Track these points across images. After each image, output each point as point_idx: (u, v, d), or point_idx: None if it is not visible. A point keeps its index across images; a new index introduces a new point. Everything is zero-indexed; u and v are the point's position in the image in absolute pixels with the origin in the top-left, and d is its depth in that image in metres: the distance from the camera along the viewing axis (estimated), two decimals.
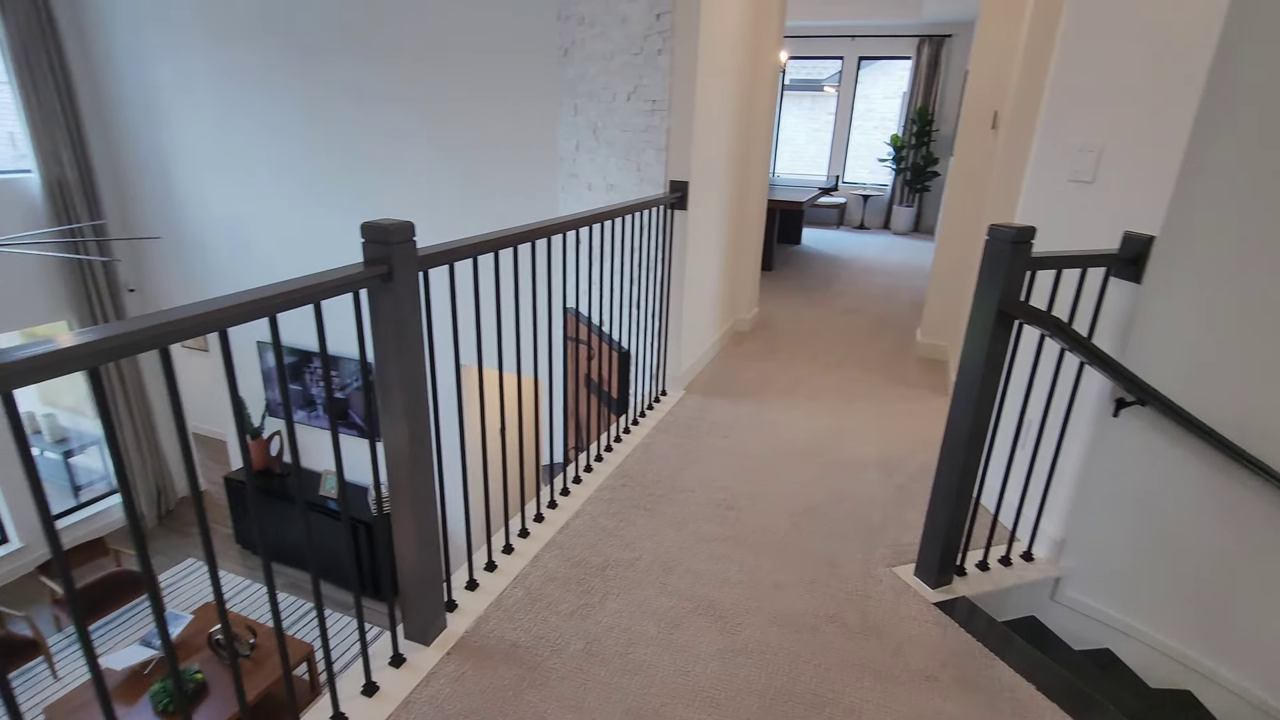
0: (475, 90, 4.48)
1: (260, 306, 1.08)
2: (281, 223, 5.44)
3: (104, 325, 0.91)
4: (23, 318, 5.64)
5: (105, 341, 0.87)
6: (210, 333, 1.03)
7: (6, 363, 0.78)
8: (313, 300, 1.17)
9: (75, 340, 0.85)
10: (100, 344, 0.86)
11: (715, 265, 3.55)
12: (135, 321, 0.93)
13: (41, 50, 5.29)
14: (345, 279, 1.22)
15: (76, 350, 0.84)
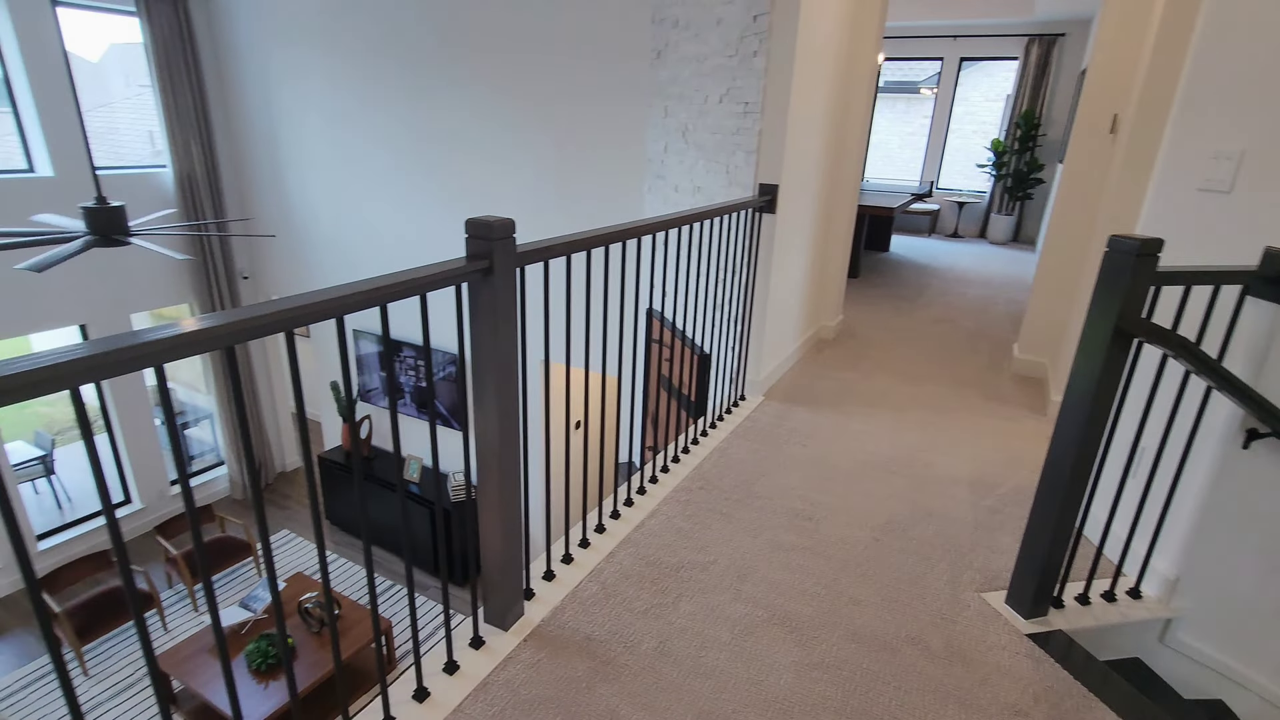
0: (568, 92, 4.58)
1: (373, 296, 1.14)
2: (381, 217, 5.74)
3: (238, 309, 0.99)
4: (153, 300, 6.20)
5: (240, 324, 0.95)
6: (328, 319, 1.09)
7: (158, 339, 0.86)
8: (419, 292, 1.23)
9: (216, 321, 0.93)
10: (236, 325, 0.94)
11: (801, 270, 3.48)
12: (264, 306, 1.01)
13: (180, 58, 5.80)
14: (449, 272, 1.28)
15: (217, 330, 0.92)
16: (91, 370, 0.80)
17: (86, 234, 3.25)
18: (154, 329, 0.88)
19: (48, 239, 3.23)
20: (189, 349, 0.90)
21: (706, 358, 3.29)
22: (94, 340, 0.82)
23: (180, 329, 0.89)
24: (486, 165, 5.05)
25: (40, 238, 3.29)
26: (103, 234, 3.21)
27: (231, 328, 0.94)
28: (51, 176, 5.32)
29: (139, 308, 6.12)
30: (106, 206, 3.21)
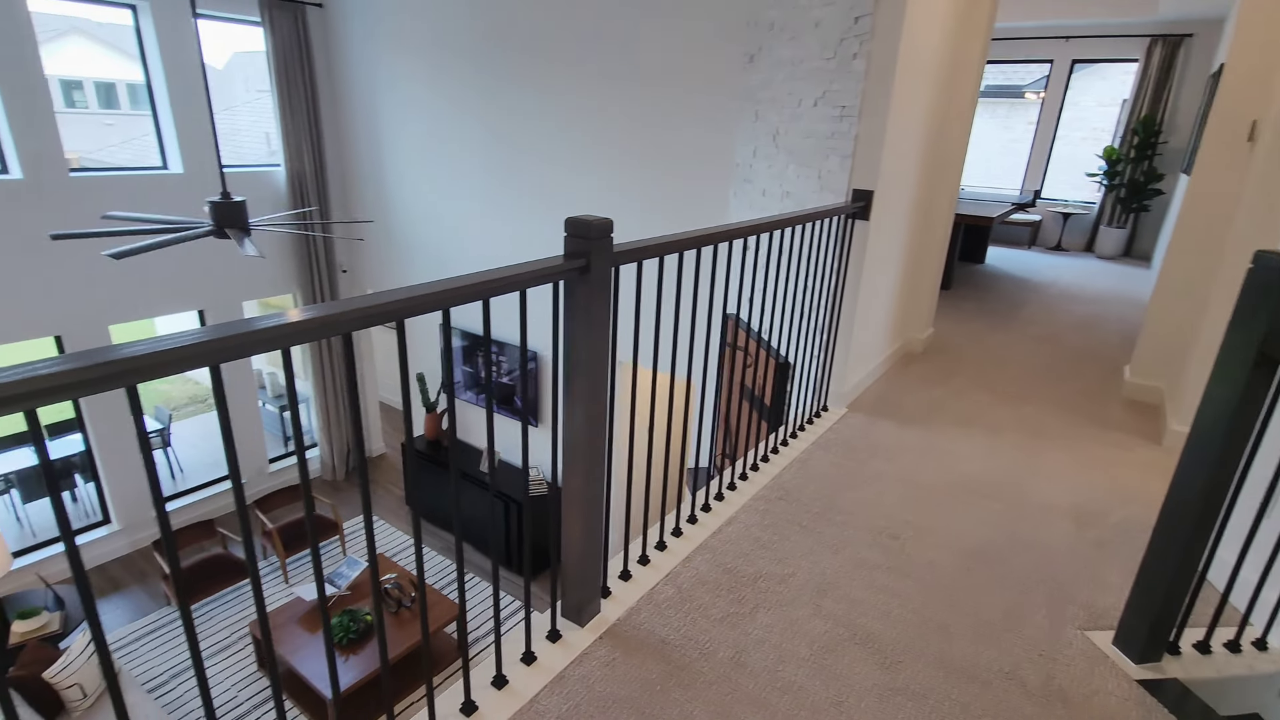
0: (655, 97, 4.60)
1: (477, 290, 1.18)
2: (470, 219, 5.94)
3: (355, 299, 1.03)
4: (262, 289, 6.65)
5: (360, 312, 0.99)
6: (436, 310, 1.13)
7: (287, 323, 0.91)
8: (520, 288, 1.26)
9: (339, 309, 0.98)
10: (356, 313, 0.99)
11: (892, 280, 3.36)
12: (379, 296, 1.05)
13: (297, 65, 6.20)
14: (547, 269, 1.30)
15: (341, 317, 0.97)
16: (232, 349, 0.86)
17: (210, 226, 3.52)
18: (281, 314, 0.93)
19: (175, 229, 3.52)
20: (315, 334, 0.95)
21: (786, 365, 3.23)
22: (231, 322, 0.88)
23: (306, 315, 0.95)
24: (572, 169, 5.15)
25: (168, 228, 3.59)
26: (225, 226, 3.47)
27: (352, 315, 0.98)
28: (181, 173, 5.80)
29: (249, 296, 6.58)
30: (230, 201, 3.46)
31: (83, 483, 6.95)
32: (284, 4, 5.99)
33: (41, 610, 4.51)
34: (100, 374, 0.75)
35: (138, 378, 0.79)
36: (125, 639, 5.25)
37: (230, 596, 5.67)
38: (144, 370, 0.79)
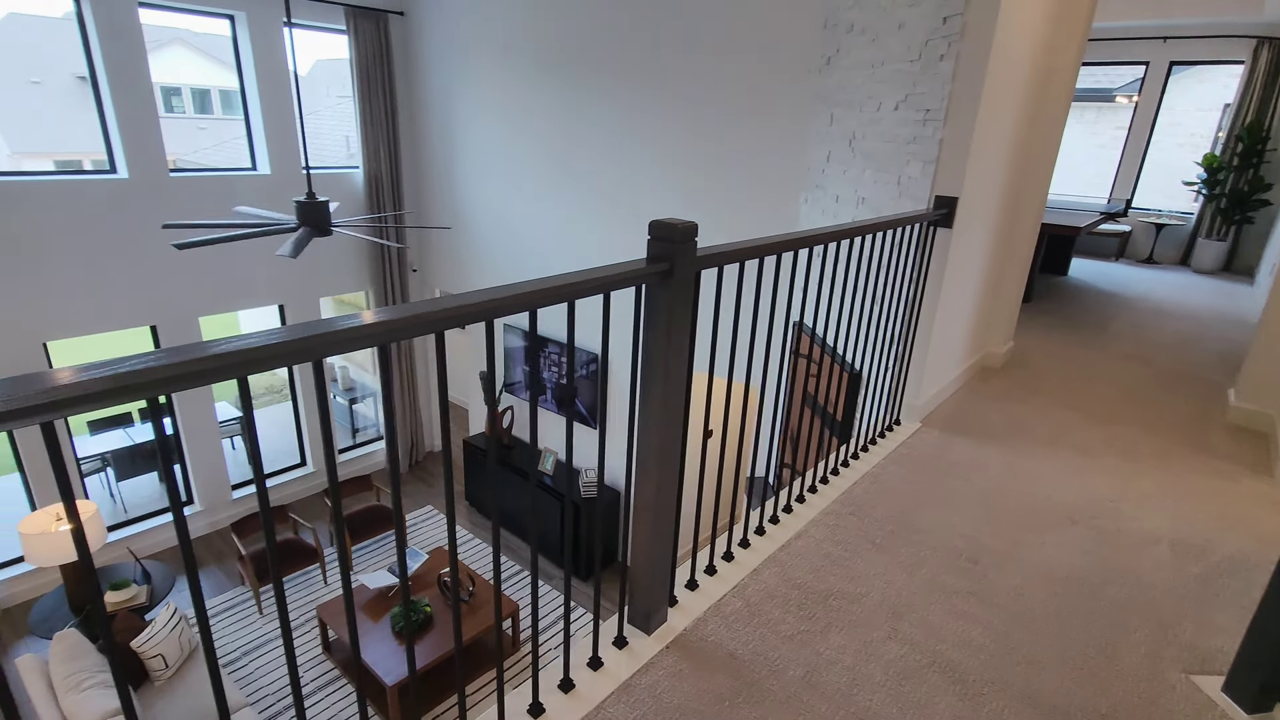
0: (726, 102, 4.56)
1: (562, 292, 1.17)
2: (537, 222, 6.03)
3: (446, 298, 1.04)
4: (337, 286, 6.92)
5: (450, 311, 1.00)
6: (523, 311, 1.13)
7: (383, 321, 0.93)
8: (604, 290, 1.25)
9: (430, 309, 0.99)
10: (448, 312, 0.99)
11: (972, 290, 3.22)
12: (468, 296, 1.06)
13: (378, 71, 6.44)
14: (631, 273, 1.29)
15: (432, 315, 0.98)
16: (332, 345, 0.87)
17: (298, 224, 3.68)
18: (381, 311, 0.95)
19: (265, 228, 3.70)
20: (411, 331, 0.96)
21: (857, 376, 3.13)
22: (328, 319, 0.90)
23: (403, 314, 0.96)
24: (639, 172, 5.15)
25: (258, 226, 3.77)
26: (310, 225, 3.62)
27: (443, 314, 0.99)
28: (268, 174, 6.10)
29: (325, 293, 6.86)
30: (315, 201, 3.61)
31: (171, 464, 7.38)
32: (368, 13, 6.23)
33: (131, 583, 4.80)
34: (216, 364, 0.77)
35: (247, 370, 0.81)
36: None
37: (299, 580, 5.90)
38: (254, 363, 0.81)
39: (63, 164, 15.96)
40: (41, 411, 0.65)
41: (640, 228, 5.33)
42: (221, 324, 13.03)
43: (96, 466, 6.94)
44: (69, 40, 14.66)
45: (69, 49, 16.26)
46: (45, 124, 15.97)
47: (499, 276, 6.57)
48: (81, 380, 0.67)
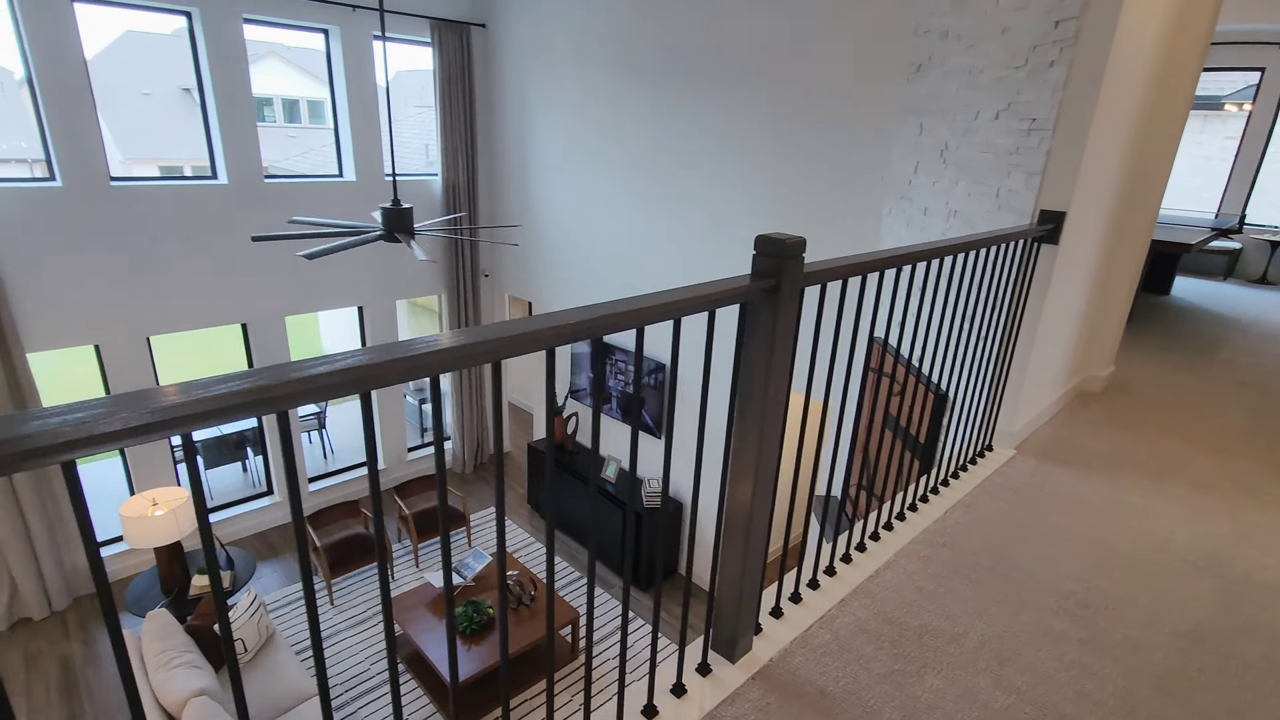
0: (806, 111, 4.46)
1: (668, 309, 1.13)
2: (610, 231, 6.06)
3: (550, 315, 1.02)
4: (413, 290, 7.12)
5: (558, 329, 0.97)
6: (629, 329, 1.10)
7: (495, 339, 0.91)
8: (709, 308, 1.20)
9: (536, 326, 0.96)
10: (556, 330, 0.97)
11: (1074, 310, 3.02)
12: (572, 314, 1.03)
13: (459, 82, 6.62)
14: (737, 289, 1.24)
15: (540, 334, 0.95)
16: (455, 360, 0.86)
17: (379, 230, 3.79)
18: (496, 327, 0.93)
19: (351, 232, 3.83)
20: (520, 348, 0.94)
21: (943, 397, 2.98)
22: (447, 334, 0.89)
23: (512, 331, 0.94)
24: (718, 181, 5.10)
25: (344, 231, 3.90)
26: (394, 231, 3.72)
27: (553, 331, 0.97)
28: (354, 180, 6.35)
29: (401, 295, 7.08)
30: (399, 208, 3.71)
31: (252, 455, 7.76)
32: (452, 25, 6.42)
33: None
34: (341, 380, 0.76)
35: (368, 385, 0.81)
36: (278, 602, 5.76)
37: (370, 573, 6.08)
38: (375, 379, 0.80)
39: (166, 169, 17.13)
40: (231, 413, 0.66)
41: (716, 235, 5.27)
42: (304, 323, 13.65)
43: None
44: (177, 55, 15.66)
45: (176, 63, 17.45)
46: (152, 132, 17.19)
47: (568, 283, 6.63)
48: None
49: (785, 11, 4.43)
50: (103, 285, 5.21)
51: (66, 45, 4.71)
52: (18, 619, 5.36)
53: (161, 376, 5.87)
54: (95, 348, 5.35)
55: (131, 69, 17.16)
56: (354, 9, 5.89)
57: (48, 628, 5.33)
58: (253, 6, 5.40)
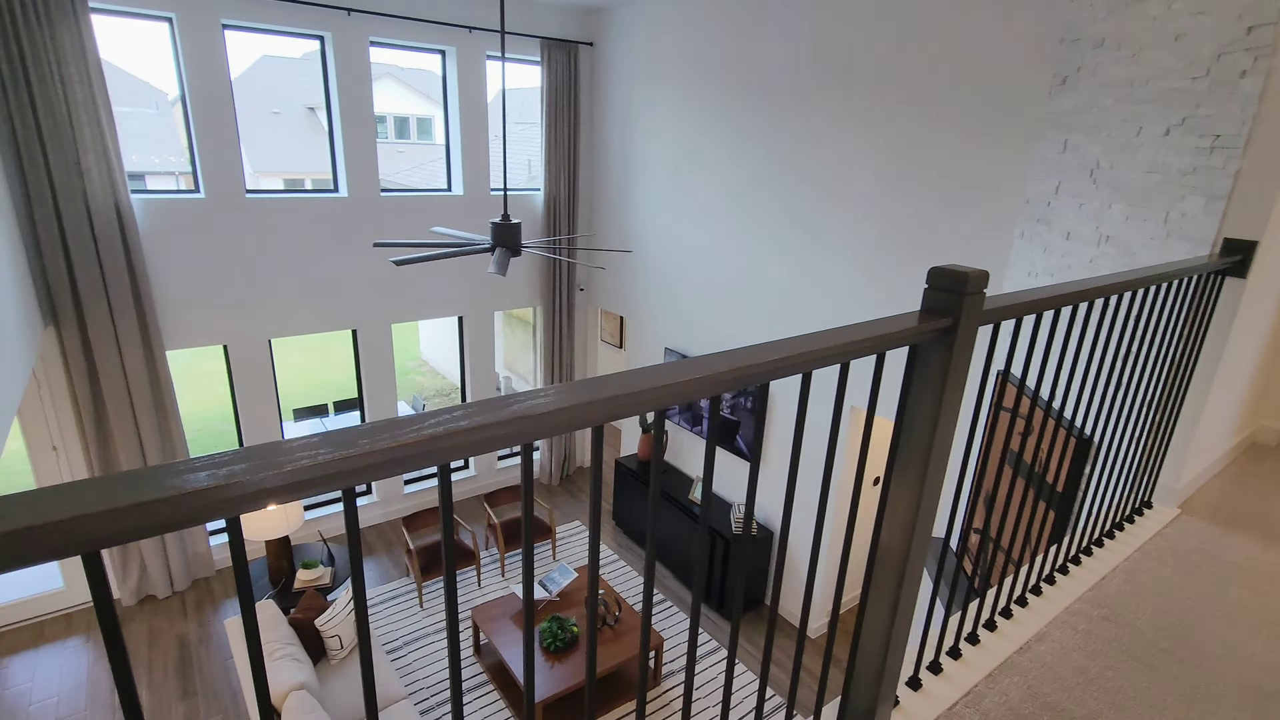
0: (933, 123, 4.21)
1: (833, 353, 1.01)
2: (707, 249, 5.95)
3: (710, 358, 0.92)
4: (510, 302, 7.27)
5: (707, 379, 0.87)
6: (792, 375, 0.98)
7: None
8: (878, 350, 1.07)
9: (696, 373, 0.86)
10: (701, 381, 0.86)
11: (1254, 351, 2.65)
12: (738, 357, 0.92)
13: (565, 99, 6.73)
14: (909, 330, 1.09)
15: (702, 381, 0.85)
16: (615, 410, 0.77)
17: (492, 244, 3.85)
18: (637, 377, 0.83)
19: (463, 247, 3.90)
20: (694, 394, 0.84)
21: (1086, 443, 2.67)
22: (589, 384, 0.80)
23: (678, 375, 0.84)
24: (826, 201, 4.90)
25: (458, 245, 3.98)
26: (503, 246, 3.77)
27: (702, 383, 0.86)
28: (462, 195, 6.55)
29: (498, 307, 7.24)
30: (509, 223, 3.75)
31: None
32: (561, 44, 6.54)
33: (318, 564, 5.26)
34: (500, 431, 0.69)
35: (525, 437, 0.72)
36: (372, 599, 5.95)
37: (461, 577, 6.18)
38: (530, 431, 0.72)
39: (290, 182, 18.50)
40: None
41: (824, 255, 5.05)
42: (406, 329, 14.30)
43: None
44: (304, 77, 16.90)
45: (303, 84, 18.82)
46: (280, 147, 18.63)
47: (663, 299, 6.57)
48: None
49: (908, 21, 4.21)
50: (233, 290, 5.59)
51: (216, 68, 5.10)
52: (145, 595, 5.78)
53: (279, 374, 6.23)
54: (224, 348, 5.74)
55: (266, 90, 18.70)
56: (470, 30, 6.10)
57: (169, 607, 5.72)
58: (380, 30, 5.69)
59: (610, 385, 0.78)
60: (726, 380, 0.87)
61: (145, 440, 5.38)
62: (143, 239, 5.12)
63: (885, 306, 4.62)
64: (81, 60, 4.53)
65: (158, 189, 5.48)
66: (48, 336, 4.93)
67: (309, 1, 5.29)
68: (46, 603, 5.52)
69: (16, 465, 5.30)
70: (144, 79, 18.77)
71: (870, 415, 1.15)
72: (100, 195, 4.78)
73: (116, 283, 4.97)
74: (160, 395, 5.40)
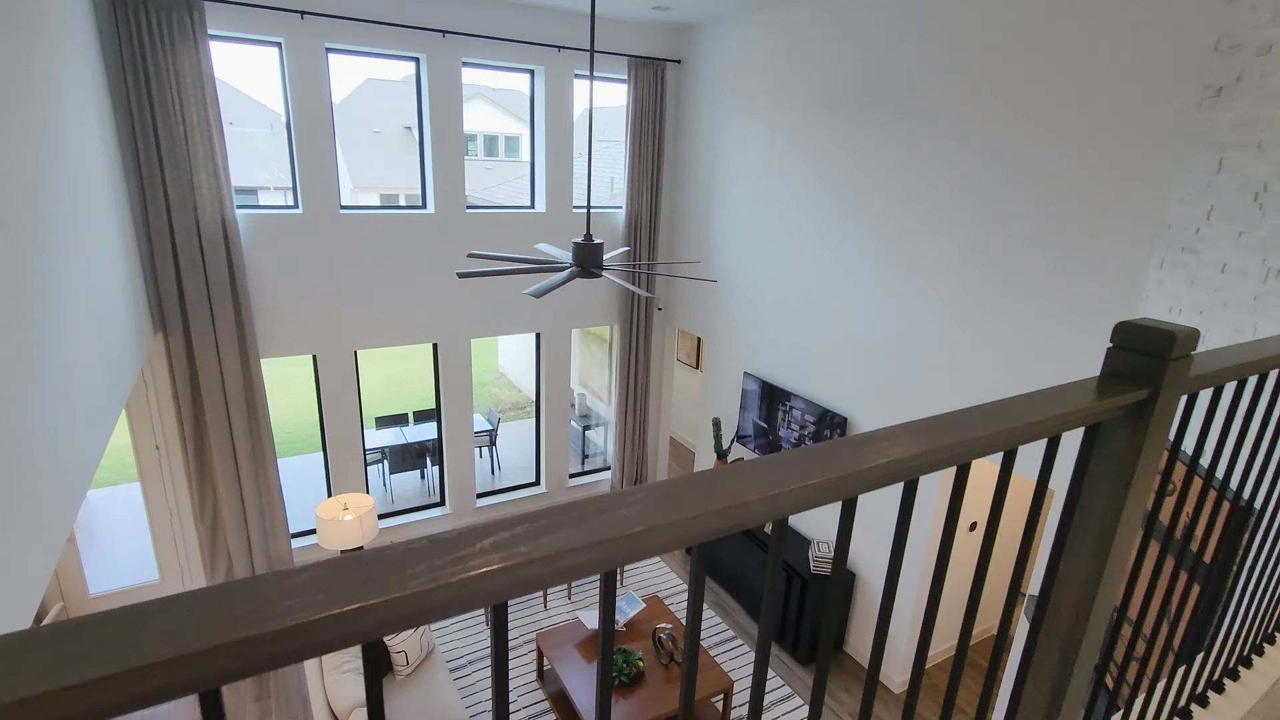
0: (1050, 142, 3.82)
1: (995, 440, 0.79)
2: (794, 270, 5.69)
3: (816, 456, 0.71)
4: (587, 319, 7.21)
5: (838, 480, 0.67)
6: (940, 470, 0.77)
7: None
8: (1051, 434, 0.84)
9: (826, 472, 0.67)
10: (836, 482, 0.66)
11: None
12: (859, 449, 0.72)
13: (650, 117, 6.65)
14: (1094, 408, 0.86)
15: (822, 487, 0.65)
16: (716, 529, 0.58)
17: (572, 265, 3.75)
18: (786, 467, 0.65)
19: (543, 266, 3.83)
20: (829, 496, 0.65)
21: (1245, 510, 2.26)
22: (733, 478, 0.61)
23: (815, 473, 0.65)
24: (914, 227, 4.56)
25: (538, 264, 3.91)
26: (584, 266, 3.66)
27: (840, 482, 0.66)
28: (544, 212, 6.57)
29: (578, 325, 7.19)
30: (591, 244, 3.65)
31: (430, 465, 8.25)
32: (648, 62, 6.47)
33: None
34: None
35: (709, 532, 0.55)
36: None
37: (522, 602, 6.11)
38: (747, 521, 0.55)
39: (386, 197, 19.41)
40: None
41: (916, 281, 4.70)
42: (488, 342, 14.61)
43: (376, 458, 7.98)
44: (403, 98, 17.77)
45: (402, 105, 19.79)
46: (379, 164, 19.62)
47: (743, 321, 6.34)
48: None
49: (1024, 29, 3.86)
50: (323, 302, 5.77)
51: (318, 90, 5.30)
52: None
53: (368, 381, 6.38)
54: (313, 357, 5.92)
55: (368, 110, 19.77)
56: (559, 50, 6.12)
57: None
58: (473, 51, 5.78)
59: (715, 492, 0.59)
60: (869, 479, 0.67)
61: (238, 444, 5.60)
62: (245, 252, 5.35)
63: (978, 341, 4.23)
64: (199, 83, 4.80)
65: (270, 204, 5.76)
66: (156, 343, 5.21)
67: (406, 25, 5.43)
68: (142, 594, 5.81)
69: (129, 458, 5.66)
70: (262, 102, 20.26)
71: (1032, 523, 0.91)
72: (209, 210, 5.03)
73: (219, 293, 5.20)
74: (253, 401, 5.61)
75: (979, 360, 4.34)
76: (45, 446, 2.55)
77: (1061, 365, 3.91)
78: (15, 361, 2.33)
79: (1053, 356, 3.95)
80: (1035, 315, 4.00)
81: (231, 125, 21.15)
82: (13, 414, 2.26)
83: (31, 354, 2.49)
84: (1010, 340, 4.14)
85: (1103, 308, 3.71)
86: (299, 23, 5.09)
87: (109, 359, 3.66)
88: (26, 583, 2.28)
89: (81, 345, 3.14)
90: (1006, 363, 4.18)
